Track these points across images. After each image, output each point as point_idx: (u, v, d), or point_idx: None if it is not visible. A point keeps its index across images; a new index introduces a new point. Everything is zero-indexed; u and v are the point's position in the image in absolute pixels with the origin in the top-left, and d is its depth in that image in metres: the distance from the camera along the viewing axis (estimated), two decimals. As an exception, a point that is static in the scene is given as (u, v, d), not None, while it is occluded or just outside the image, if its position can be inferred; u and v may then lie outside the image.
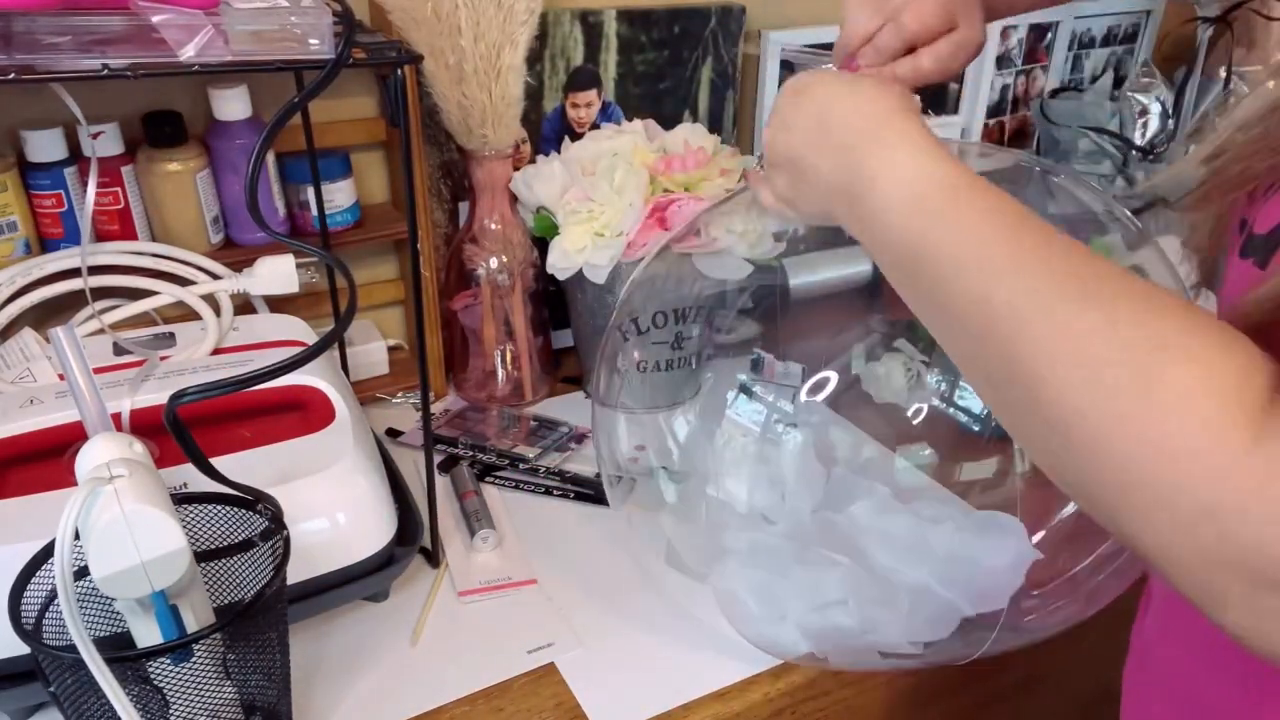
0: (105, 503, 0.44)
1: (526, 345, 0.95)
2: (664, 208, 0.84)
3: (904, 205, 0.40)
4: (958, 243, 0.38)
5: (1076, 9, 1.25)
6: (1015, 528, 0.61)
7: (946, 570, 0.61)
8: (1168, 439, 0.30)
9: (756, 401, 0.66)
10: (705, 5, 0.99)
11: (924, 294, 0.40)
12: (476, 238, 0.91)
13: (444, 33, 0.77)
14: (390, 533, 0.66)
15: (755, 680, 0.63)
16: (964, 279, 0.37)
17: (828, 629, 0.61)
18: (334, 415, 0.68)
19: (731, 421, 0.66)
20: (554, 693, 0.62)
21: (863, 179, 0.43)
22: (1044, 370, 0.33)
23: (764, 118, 1.07)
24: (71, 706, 0.48)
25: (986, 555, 0.62)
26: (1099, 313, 0.33)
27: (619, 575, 0.72)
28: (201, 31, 0.50)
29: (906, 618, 0.60)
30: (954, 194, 0.39)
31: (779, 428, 0.65)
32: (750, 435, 0.65)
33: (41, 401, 0.64)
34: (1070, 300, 0.33)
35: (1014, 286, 0.35)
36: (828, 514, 0.66)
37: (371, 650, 0.65)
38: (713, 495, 0.66)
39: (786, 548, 0.64)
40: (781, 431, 0.65)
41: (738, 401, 0.66)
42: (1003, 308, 0.35)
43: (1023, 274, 0.35)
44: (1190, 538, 0.30)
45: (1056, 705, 0.87)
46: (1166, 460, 0.30)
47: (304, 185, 0.85)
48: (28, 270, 0.74)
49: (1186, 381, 0.30)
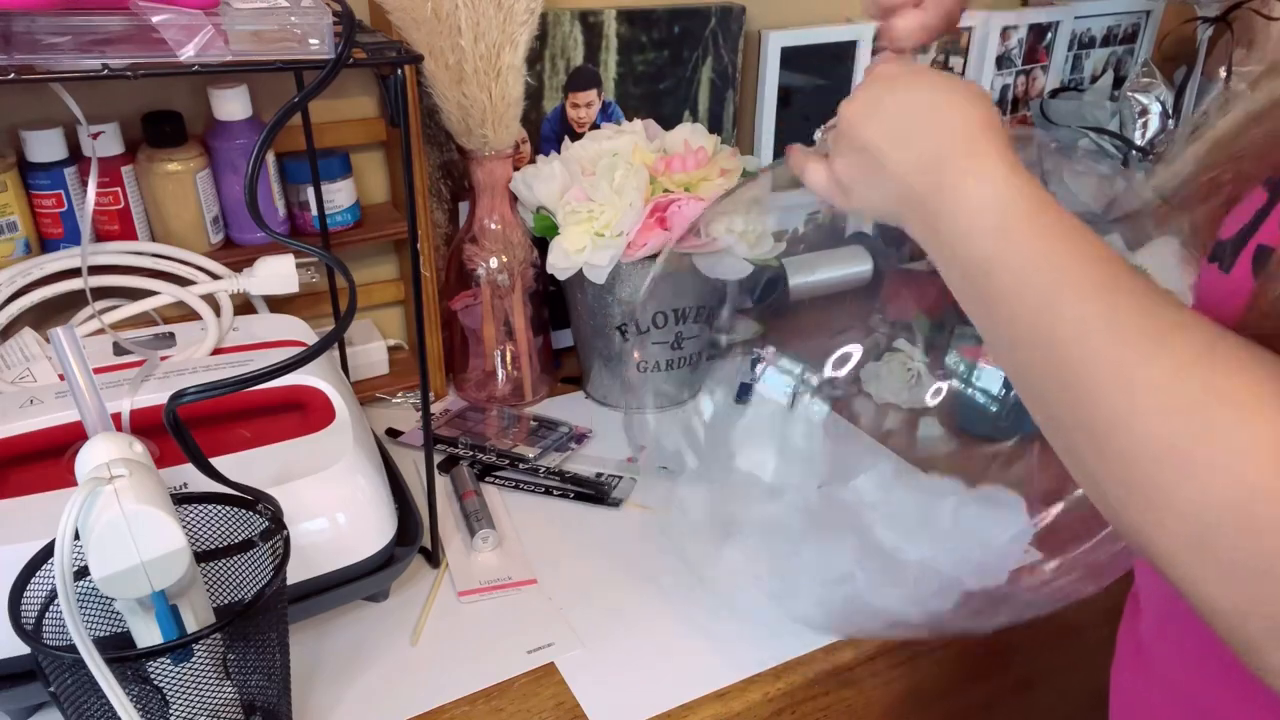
0: (105, 503, 0.44)
1: (526, 345, 0.95)
2: (664, 208, 0.84)
3: (987, 224, 0.40)
4: (1037, 264, 0.38)
5: (1077, 9, 1.25)
6: (1014, 502, 0.62)
7: (948, 544, 0.62)
8: (1229, 489, 0.30)
9: (784, 374, 0.66)
10: (705, 5, 0.99)
11: (989, 306, 0.40)
12: (476, 238, 0.91)
13: (444, 33, 0.77)
14: (390, 533, 0.66)
15: (755, 680, 0.63)
16: (1035, 296, 0.37)
17: (838, 601, 0.61)
18: (334, 415, 0.68)
19: (759, 394, 0.66)
20: (554, 693, 0.62)
21: (945, 191, 0.42)
22: (1109, 406, 0.34)
23: (764, 118, 1.07)
24: (71, 706, 0.48)
25: (987, 529, 0.62)
26: (1166, 356, 0.33)
27: (619, 575, 0.72)
28: (201, 31, 0.50)
29: (912, 589, 0.60)
30: (1036, 216, 0.39)
31: (806, 399, 0.65)
32: (777, 406, 0.66)
33: (41, 401, 0.64)
34: (1141, 334, 0.34)
35: (1085, 309, 0.35)
36: (834, 487, 0.67)
37: (371, 650, 0.65)
38: (738, 466, 0.66)
39: (798, 521, 0.64)
40: (809, 402, 0.65)
41: (766, 374, 0.66)
42: (1071, 326, 0.35)
43: (1096, 298, 0.35)
44: (1243, 588, 0.30)
45: (1056, 705, 0.87)
46: (1230, 512, 0.30)
47: (304, 185, 0.85)
48: (28, 270, 0.74)
49: (1249, 436, 0.30)
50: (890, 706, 0.71)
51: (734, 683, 0.63)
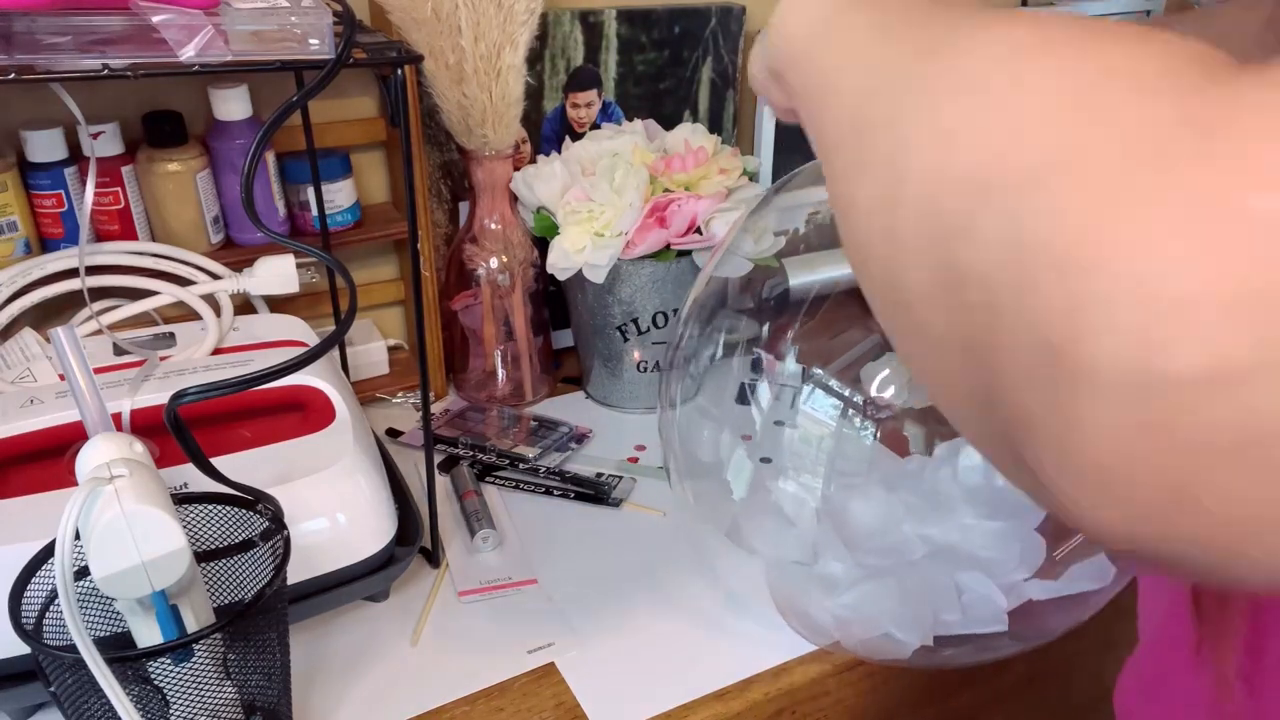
0: (105, 503, 0.44)
1: (526, 345, 0.95)
2: (664, 207, 0.84)
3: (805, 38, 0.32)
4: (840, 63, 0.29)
5: (1077, 9, 1.25)
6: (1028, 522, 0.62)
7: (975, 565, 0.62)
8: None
9: (832, 396, 0.65)
10: (705, 5, 0.99)
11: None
12: (476, 238, 0.91)
13: (444, 33, 0.77)
14: (390, 533, 0.66)
15: (755, 680, 0.63)
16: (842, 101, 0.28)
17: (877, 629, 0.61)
18: (334, 415, 0.68)
19: (807, 416, 0.66)
20: (554, 693, 0.62)
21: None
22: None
23: (764, 118, 1.07)
24: (72, 706, 0.48)
25: (999, 550, 0.62)
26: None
27: (619, 575, 0.72)
28: (201, 31, 0.50)
29: (961, 611, 0.60)
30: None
31: (856, 422, 0.65)
32: (826, 430, 0.65)
33: (41, 401, 0.64)
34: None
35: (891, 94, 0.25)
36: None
37: (371, 650, 0.65)
38: (783, 489, 0.66)
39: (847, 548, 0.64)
40: (859, 426, 0.65)
41: (813, 397, 0.65)
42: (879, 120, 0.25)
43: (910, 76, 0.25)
44: None
45: (1057, 705, 0.87)
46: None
47: (304, 185, 0.85)
48: (28, 270, 0.74)
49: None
50: (890, 707, 0.71)
51: (734, 683, 0.63)
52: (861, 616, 0.61)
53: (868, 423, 0.64)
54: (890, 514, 0.65)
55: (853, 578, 0.62)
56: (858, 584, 0.62)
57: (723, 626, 0.66)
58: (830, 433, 0.64)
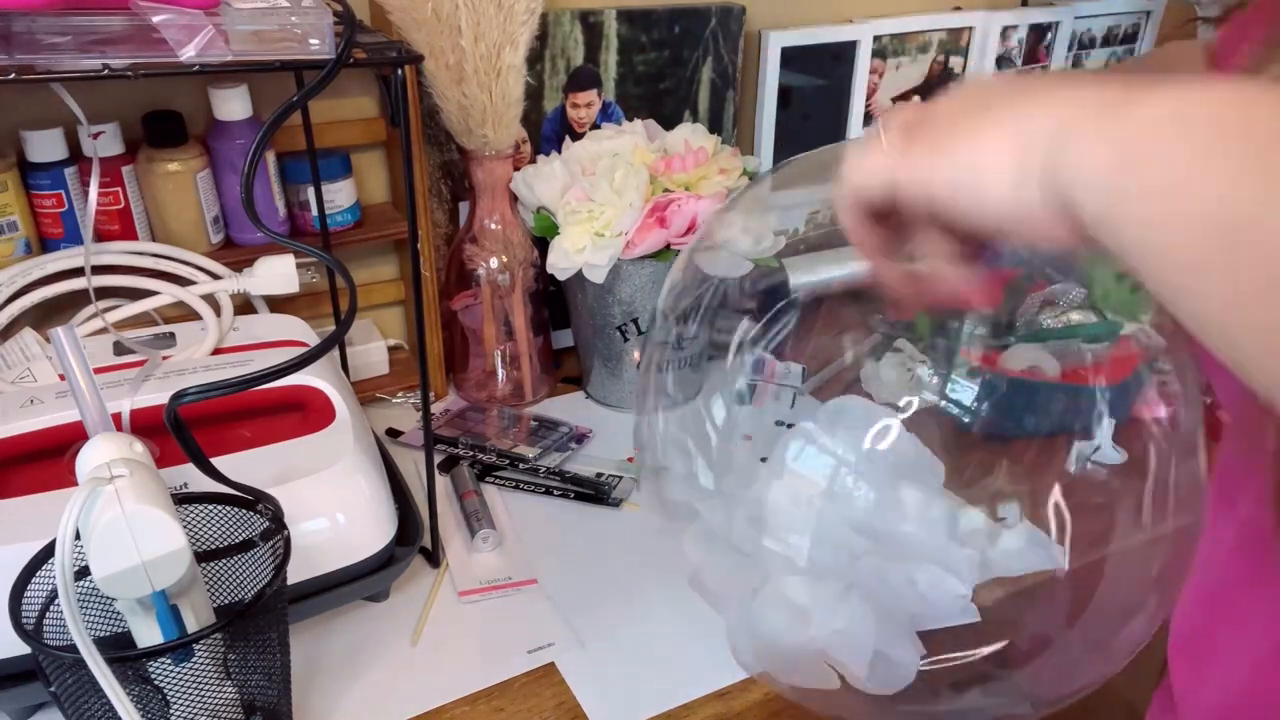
0: (106, 503, 0.44)
1: (526, 345, 0.95)
2: (664, 207, 0.84)
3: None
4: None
5: (1077, 9, 1.25)
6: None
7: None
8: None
9: (824, 454, 0.63)
10: (705, 5, 0.99)
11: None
12: (476, 238, 0.91)
13: (444, 33, 0.77)
14: (390, 533, 0.66)
15: (755, 680, 0.63)
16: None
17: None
18: (334, 415, 0.69)
19: (794, 474, 0.63)
20: (554, 693, 0.62)
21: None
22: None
23: (764, 118, 1.07)
24: (72, 706, 0.48)
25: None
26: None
27: (619, 575, 0.72)
28: (202, 31, 0.50)
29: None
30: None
31: (848, 480, 0.62)
32: (815, 489, 0.63)
33: (41, 401, 0.64)
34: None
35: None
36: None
37: (371, 650, 0.65)
38: (770, 547, 0.64)
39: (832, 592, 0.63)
40: (852, 485, 0.62)
41: (803, 454, 0.63)
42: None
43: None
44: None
45: (1056, 705, 0.87)
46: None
47: (304, 185, 0.85)
48: (28, 270, 0.74)
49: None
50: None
51: (734, 683, 0.63)
52: (850, 642, 0.59)
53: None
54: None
55: (817, 597, 0.60)
56: (827, 604, 0.59)
57: (723, 626, 0.66)
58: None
